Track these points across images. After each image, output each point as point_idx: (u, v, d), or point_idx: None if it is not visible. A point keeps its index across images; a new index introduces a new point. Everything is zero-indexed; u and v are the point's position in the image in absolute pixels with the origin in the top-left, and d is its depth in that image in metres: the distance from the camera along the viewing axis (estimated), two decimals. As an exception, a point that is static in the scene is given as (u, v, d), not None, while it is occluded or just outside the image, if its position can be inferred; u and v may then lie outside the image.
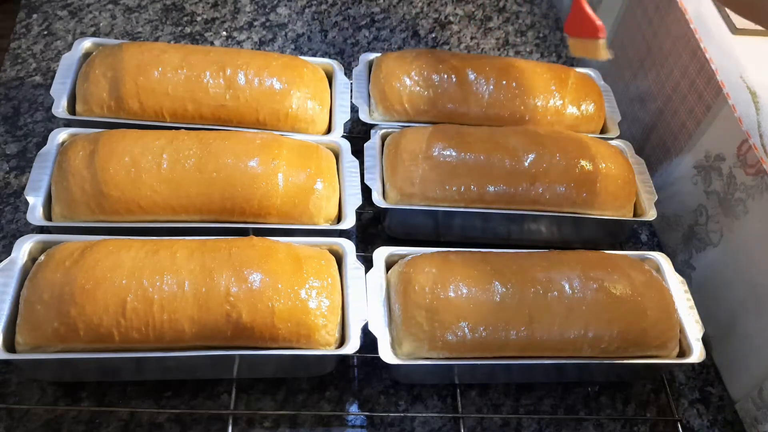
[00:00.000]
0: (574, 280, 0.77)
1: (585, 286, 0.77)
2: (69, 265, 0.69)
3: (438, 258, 0.78)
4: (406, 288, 0.76)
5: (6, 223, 0.87)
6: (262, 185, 0.80)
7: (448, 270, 0.76)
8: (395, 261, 0.81)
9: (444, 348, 0.73)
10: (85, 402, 0.74)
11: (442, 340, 0.73)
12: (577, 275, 0.77)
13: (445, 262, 0.77)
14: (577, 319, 0.75)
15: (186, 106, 0.88)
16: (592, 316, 0.75)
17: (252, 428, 0.74)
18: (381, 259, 0.80)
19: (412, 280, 0.76)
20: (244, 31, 1.17)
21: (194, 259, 0.71)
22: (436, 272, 0.76)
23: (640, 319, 0.76)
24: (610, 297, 0.76)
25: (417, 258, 0.79)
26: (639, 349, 0.77)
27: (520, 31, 1.27)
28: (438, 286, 0.75)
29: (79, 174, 0.78)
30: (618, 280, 0.78)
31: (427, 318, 0.73)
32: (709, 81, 0.88)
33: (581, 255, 0.82)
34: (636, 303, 0.77)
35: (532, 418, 0.79)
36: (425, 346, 0.73)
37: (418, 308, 0.74)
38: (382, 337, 0.73)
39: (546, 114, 0.97)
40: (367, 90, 0.97)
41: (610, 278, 0.78)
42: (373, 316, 0.74)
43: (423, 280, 0.75)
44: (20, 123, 0.98)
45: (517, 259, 0.79)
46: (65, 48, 1.07)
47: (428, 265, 0.77)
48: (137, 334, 0.68)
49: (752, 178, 0.81)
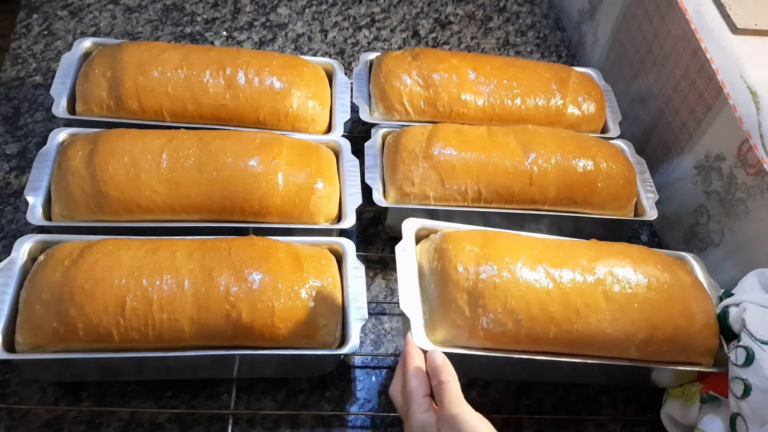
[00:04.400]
0: (626, 274, 0.71)
1: (637, 282, 0.70)
2: (68, 264, 0.69)
3: (479, 236, 0.71)
4: (446, 266, 0.68)
5: (6, 223, 0.87)
6: (262, 185, 0.80)
7: (492, 249, 0.69)
8: (424, 236, 0.74)
9: (486, 338, 0.67)
10: (86, 402, 0.74)
11: (484, 329, 0.66)
12: (627, 269, 0.71)
13: (489, 241, 0.70)
14: (628, 317, 0.69)
15: (186, 105, 0.88)
16: (644, 315, 0.69)
17: (252, 428, 0.74)
18: (411, 232, 0.73)
19: (452, 258, 0.69)
20: (244, 31, 1.17)
21: (194, 258, 0.71)
22: (479, 251, 0.69)
23: (690, 323, 0.71)
24: (662, 296, 0.70)
25: (453, 234, 0.72)
26: (684, 354, 0.72)
27: (521, 31, 1.27)
28: (482, 266, 0.67)
29: (79, 174, 0.78)
30: (669, 280, 0.72)
31: (470, 303, 0.66)
32: (709, 81, 0.88)
33: (627, 248, 0.76)
34: (687, 306, 0.71)
35: (532, 419, 0.79)
36: (464, 335, 0.67)
37: (460, 291, 0.67)
38: (416, 319, 0.66)
39: (546, 113, 0.97)
40: (367, 89, 0.97)
41: (662, 276, 0.72)
42: (404, 294, 0.67)
43: (465, 260, 0.68)
44: (20, 123, 0.98)
45: (562, 246, 0.73)
46: (65, 48, 1.07)
47: (469, 243, 0.70)
48: (137, 333, 0.68)
49: (753, 178, 0.81)
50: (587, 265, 0.71)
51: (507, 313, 0.66)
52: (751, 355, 0.65)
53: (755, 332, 0.67)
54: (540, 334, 0.67)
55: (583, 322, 0.68)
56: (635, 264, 0.72)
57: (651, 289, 0.71)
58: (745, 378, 0.65)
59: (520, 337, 0.67)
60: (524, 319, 0.67)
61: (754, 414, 0.63)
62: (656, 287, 0.71)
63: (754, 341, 0.66)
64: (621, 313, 0.69)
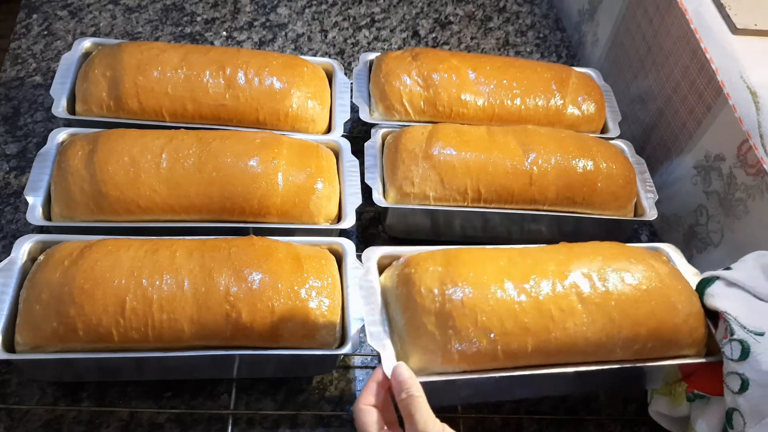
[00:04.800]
0: (598, 273, 0.68)
1: (611, 280, 0.68)
2: (68, 264, 0.69)
3: (441, 255, 0.69)
4: (410, 291, 0.65)
5: (6, 223, 0.87)
6: (262, 185, 0.80)
7: (456, 267, 0.66)
8: (387, 264, 0.72)
9: (462, 360, 0.63)
10: (85, 402, 0.74)
11: (458, 351, 0.63)
12: (598, 267, 0.68)
13: (451, 259, 0.68)
14: (606, 317, 0.66)
15: (185, 105, 0.88)
16: (623, 312, 0.67)
17: (252, 428, 0.74)
18: (373, 261, 0.71)
19: (416, 282, 0.66)
20: (244, 31, 1.17)
21: (194, 258, 0.71)
22: (443, 270, 0.66)
23: (672, 314, 0.68)
24: (638, 290, 0.68)
25: (416, 257, 0.69)
26: (672, 348, 0.69)
27: (521, 31, 1.27)
28: (448, 286, 0.64)
29: (78, 174, 0.78)
30: (644, 272, 0.69)
31: (439, 325, 0.63)
32: (709, 81, 0.88)
33: (598, 246, 0.73)
34: (665, 296, 0.69)
35: (532, 419, 0.79)
36: (438, 360, 0.63)
37: (427, 314, 0.64)
38: (387, 351, 0.63)
39: (546, 114, 0.97)
40: (367, 89, 0.97)
41: (636, 269, 0.69)
42: (371, 328, 0.64)
43: (429, 281, 0.65)
44: (20, 123, 0.98)
45: (530, 253, 0.70)
46: (65, 48, 1.07)
47: (432, 263, 0.67)
48: (136, 334, 0.68)
49: (752, 178, 0.81)
50: (557, 269, 0.68)
51: (479, 331, 0.63)
52: (746, 349, 0.63)
53: (748, 324, 0.65)
54: (517, 348, 0.64)
55: (560, 329, 0.65)
56: (607, 261, 0.69)
57: (627, 284, 0.68)
58: (741, 372, 0.63)
59: (497, 354, 0.64)
60: (498, 335, 0.63)
61: (752, 409, 0.62)
62: (632, 282, 0.68)
63: (748, 333, 0.64)
64: (599, 313, 0.66)
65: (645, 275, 0.69)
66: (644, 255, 0.72)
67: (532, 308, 0.65)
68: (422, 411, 0.55)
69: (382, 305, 0.67)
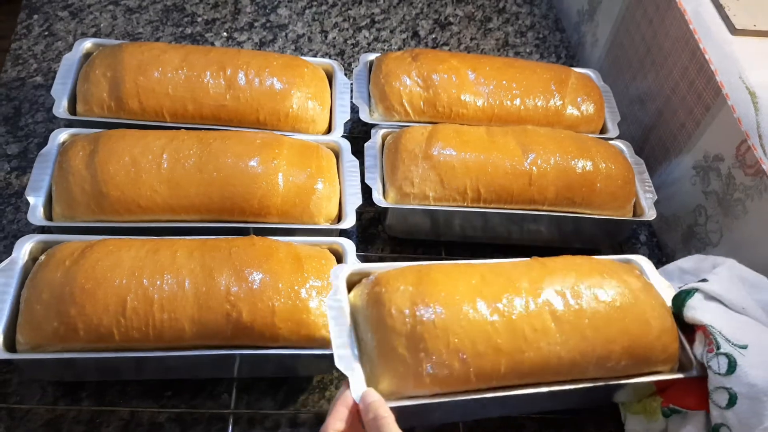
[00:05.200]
0: (571, 291, 0.67)
1: (584, 297, 0.67)
2: (69, 264, 0.70)
3: (413, 273, 0.66)
4: (380, 312, 0.63)
5: (7, 223, 0.87)
6: (262, 185, 0.80)
7: (427, 286, 0.64)
8: (358, 281, 0.69)
9: (433, 384, 0.61)
10: (86, 402, 0.74)
11: (429, 374, 0.61)
12: (572, 284, 0.67)
13: (423, 277, 0.65)
14: (580, 335, 0.65)
15: (186, 106, 0.88)
16: (596, 330, 0.66)
17: (252, 428, 0.74)
18: (341, 279, 0.68)
19: (385, 302, 0.63)
20: (244, 31, 1.17)
21: (194, 258, 0.71)
22: (413, 290, 0.64)
23: (645, 330, 0.68)
24: (611, 308, 0.67)
25: (386, 275, 0.67)
26: (646, 365, 0.69)
27: (520, 32, 1.27)
28: (419, 306, 0.62)
29: (79, 174, 0.78)
30: (617, 288, 0.69)
31: (410, 348, 0.61)
32: (708, 81, 0.88)
33: (570, 261, 0.72)
34: (639, 313, 0.68)
35: (532, 419, 0.79)
36: (410, 383, 0.61)
37: (398, 336, 0.61)
38: (355, 375, 0.61)
39: (546, 114, 0.97)
40: (367, 90, 0.98)
41: (609, 285, 0.69)
42: (339, 350, 0.62)
43: (400, 302, 0.63)
44: (21, 123, 0.98)
45: (503, 270, 0.69)
46: (66, 48, 1.07)
47: (402, 282, 0.65)
48: (137, 333, 0.68)
49: (751, 178, 0.81)
50: (530, 287, 0.66)
51: (451, 354, 0.61)
52: (732, 363, 0.63)
53: (732, 337, 0.65)
54: (490, 369, 0.62)
55: (533, 349, 0.63)
56: (580, 278, 0.68)
57: (600, 302, 0.67)
58: (729, 387, 0.63)
59: (470, 377, 0.62)
60: (470, 357, 0.61)
61: (741, 422, 0.61)
62: (605, 299, 0.67)
63: (733, 347, 0.64)
64: (572, 333, 0.65)
65: (618, 291, 0.68)
66: (617, 270, 0.72)
67: (505, 329, 0.63)
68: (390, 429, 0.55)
69: (351, 326, 0.65)
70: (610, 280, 0.69)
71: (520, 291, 0.66)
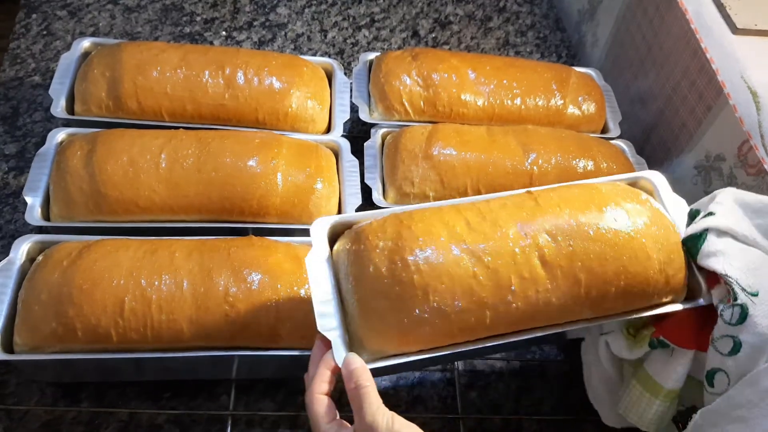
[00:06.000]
0: (564, 231, 0.62)
1: (577, 237, 0.62)
2: (67, 265, 0.69)
3: (393, 225, 0.62)
4: (359, 271, 0.60)
5: (5, 224, 0.87)
6: (261, 185, 0.80)
7: (407, 241, 0.60)
8: (341, 232, 0.66)
9: (416, 342, 0.60)
10: (85, 403, 0.73)
11: (413, 333, 0.59)
12: (565, 224, 0.62)
13: (403, 231, 0.61)
14: (572, 279, 0.61)
15: (185, 105, 0.87)
16: (590, 273, 0.62)
17: (251, 429, 0.74)
18: (322, 234, 0.64)
19: (364, 261, 0.60)
20: (243, 31, 1.17)
21: (193, 259, 0.71)
22: (393, 245, 0.60)
23: (645, 266, 0.63)
24: (608, 246, 0.62)
25: (366, 229, 0.63)
26: (646, 299, 0.65)
27: (521, 31, 1.27)
28: (397, 265, 0.59)
29: (77, 174, 0.78)
30: (615, 221, 0.63)
31: (390, 307, 0.59)
32: (709, 81, 0.88)
33: (566, 194, 0.66)
34: (638, 248, 0.63)
35: (532, 419, 0.79)
36: (392, 343, 0.60)
37: (377, 296, 0.59)
38: (337, 338, 0.60)
39: (546, 114, 0.97)
40: (367, 89, 0.97)
41: (607, 220, 0.63)
42: (320, 309, 0.61)
43: (378, 260, 0.60)
44: (19, 123, 0.97)
45: (489, 213, 0.63)
46: (64, 48, 1.07)
47: (382, 237, 0.61)
48: (135, 334, 0.68)
49: (753, 178, 0.81)
50: (518, 232, 0.61)
51: (432, 312, 0.58)
52: (744, 312, 0.60)
53: (746, 285, 0.61)
54: (475, 323, 0.60)
55: (521, 299, 0.60)
56: (575, 214, 0.63)
57: (595, 240, 0.62)
58: (735, 335, 0.60)
59: (454, 332, 0.60)
60: (453, 313, 0.59)
61: (739, 369, 0.60)
62: (601, 237, 0.62)
63: (747, 296, 0.61)
64: (564, 278, 0.61)
65: (617, 225, 0.63)
66: (619, 198, 0.66)
67: (491, 281, 0.60)
68: (370, 401, 0.54)
69: (333, 284, 0.62)
70: (609, 212, 0.64)
71: (507, 238, 0.61)
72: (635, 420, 0.69)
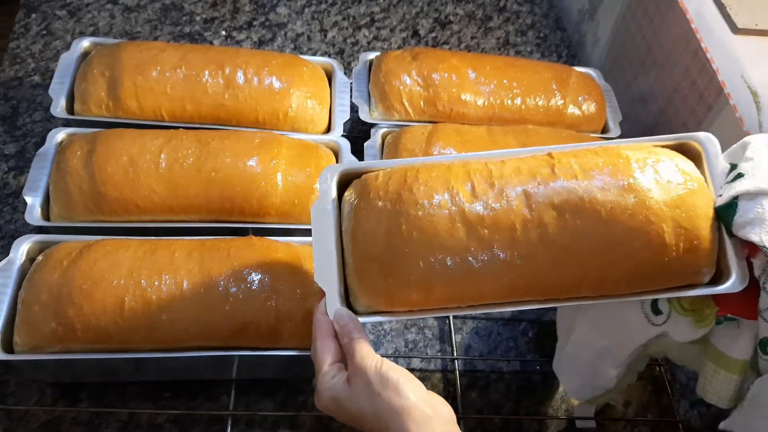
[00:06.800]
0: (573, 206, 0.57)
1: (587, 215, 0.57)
2: (67, 265, 0.69)
3: (396, 182, 0.59)
4: (356, 230, 0.59)
5: (4, 224, 0.87)
6: (261, 185, 0.80)
7: (407, 203, 0.58)
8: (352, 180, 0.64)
9: (407, 305, 0.59)
10: (84, 403, 0.73)
11: (402, 298, 0.58)
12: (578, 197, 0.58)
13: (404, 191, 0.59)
14: (574, 260, 0.58)
15: (185, 105, 0.87)
16: (595, 255, 0.58)
17: (251, 429, 0.74)
18: (331, 183, 0.63)
19: (361, 219, 0.59)
20: (243, 30, 1.17)
21: (193, 258, 0.71)
22: (391, 208, 0.58)
23: (660, 253, 0.58)
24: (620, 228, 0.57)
25: (371, 182, 0.61)
26: (658, 283, 0.61)
27: (521, 31, 1.26)
28: (392, 229, 0.57)
29: (77, 174, 0.78)
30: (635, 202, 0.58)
31: (381, 272, 0.58)
32: (710, 81, 0.87)
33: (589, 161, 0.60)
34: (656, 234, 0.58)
35: (532, 419, 0.79)
36: (382, 304, 0.59)
37: (369, 259, 0.58)
38: (332, 291, 0.59)
39: (547, 113, 0.97)
40: (367, 89, 0.97)
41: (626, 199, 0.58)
42: (318, 261, 0.60)
43: (375, 221, 0.58)
44: (19, 123, 0.97)
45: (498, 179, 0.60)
46: (64, 48, 1.07)
47: (383, 197, 0.59)
48: (135, 334, 0.67)
49: (754, 177, 0.80)
50: (525, 202, 0.58)
51: (422, 280, 0.57)
52: None
53: None
54: (466, 294, 0.59)
55: (515, 275, 0.57)
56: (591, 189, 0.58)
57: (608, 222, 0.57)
58: None
59: (442, 300, 0.59)
60: (443, 284, 0.58)
61: None
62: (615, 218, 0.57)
63: None
64: (564, 258, 0.58)
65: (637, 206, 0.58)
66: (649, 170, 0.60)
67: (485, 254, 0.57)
68: (360, 349, 0.55)
69: (335, 235, 0.61)
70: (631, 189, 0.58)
71: (510, 211, 0.58)
72: (715, 400, 0.66)
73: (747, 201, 0.59)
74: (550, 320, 0.88)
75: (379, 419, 0.52)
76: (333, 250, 0.60)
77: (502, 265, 0.58)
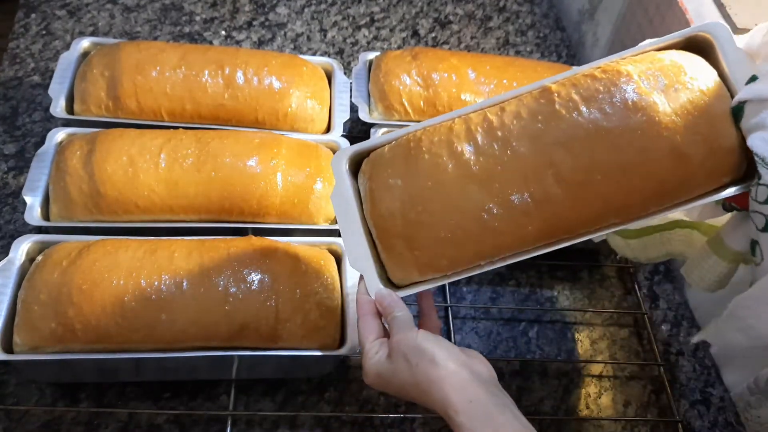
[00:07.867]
0: (581, 139, 0.56)
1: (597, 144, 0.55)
2: (66, 265, 0.69)
3: (401, 158, 0.61)
4: (373, 211, 0.61)
5: (4, 224, 0.87)
6: (261, 185, 0.80)
7: (416, 179, 0.59)
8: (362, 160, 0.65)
9: (437, 270, 0.60)
10: (84, 403, 0.73)
11: (432, 267, 0.60)
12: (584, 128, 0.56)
13: (411, 168, 0.60)
14: (594, 193, 0.56)
15: (184, 105, 0.87)
16: (611, 186, 0.56)
17: (251, 429, 0.74)
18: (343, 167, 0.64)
19: (376, 201, 0.61)
20: (243, 30, 1.17)
21: (192, 259, 0.71)
22: (402, 185, 0.60)
23: (679, 165, 0.56)
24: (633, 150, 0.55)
25: (378, 160, 0.63)
26: (683, 195, 0.59)
27: (521, 31, 1.26)
28: (408, 204, 0.59)
29: (77, 174, 0.78)
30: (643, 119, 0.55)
31: (407, 247, 0.60)
32: (709, 80, 0.87)
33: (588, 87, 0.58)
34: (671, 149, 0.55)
35: (532, 419, 0.79)
36: (415, 274, 0.61)
37: (393, 237, 0.60)
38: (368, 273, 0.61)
39: (546, 113, 0.97)
40: (366, 89, 0.97)
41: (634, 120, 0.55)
42: (350, 248, 0.62)
43: (389, 200, 0.60)
44: (18, 123, 0.97)
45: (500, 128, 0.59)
46: (63, 47, 1.07)
47: (393, 174, 0.60)
48: (135, 334, 0.67)
49: (753, 177, 0.80)
50: (532, 147, 0.57)
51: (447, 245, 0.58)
52: None
53: None
54: (492, 249, 0.59)
55: (537, 220, 0.57)
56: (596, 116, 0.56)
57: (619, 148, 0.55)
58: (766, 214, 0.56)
59: (471, 258, 0.60)
60: (467, 242, 0.58)
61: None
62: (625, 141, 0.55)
63: None
64: (582, 193, 0.56)
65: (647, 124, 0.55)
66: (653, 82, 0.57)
67: (502, 208, 0.57)
68: (399, 323, 0.58)
69: (359, 217, 0.63)
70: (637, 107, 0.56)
71: (518, 159, 0.57)
72: (695, 280, 0.67)
73: (754, 107, 0.56)
74: (550, 320, 0.88)
75: (420, 389, 0.54)
76: (361, 233, 0.62)
77: (522, 214, 0.57)
